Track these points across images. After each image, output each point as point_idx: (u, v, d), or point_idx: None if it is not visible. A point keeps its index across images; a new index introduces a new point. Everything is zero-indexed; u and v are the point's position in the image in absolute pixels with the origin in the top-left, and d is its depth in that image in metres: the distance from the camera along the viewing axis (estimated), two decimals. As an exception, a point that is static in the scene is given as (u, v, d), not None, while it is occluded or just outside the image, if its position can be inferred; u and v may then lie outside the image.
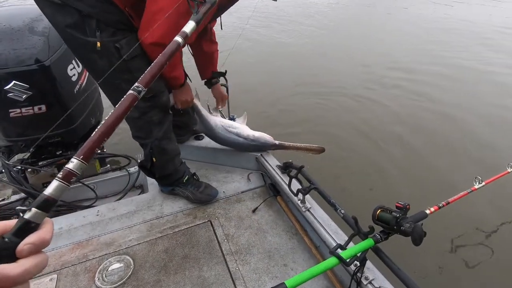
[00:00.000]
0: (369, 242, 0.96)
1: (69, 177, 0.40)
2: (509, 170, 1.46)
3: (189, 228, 1.45)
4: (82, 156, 0.43)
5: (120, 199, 1.79)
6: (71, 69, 1.76)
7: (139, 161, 2.06)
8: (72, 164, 0.42)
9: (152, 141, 1.41)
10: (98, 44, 1.15)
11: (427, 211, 1.08)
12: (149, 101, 1.32)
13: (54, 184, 0.39)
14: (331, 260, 0.88)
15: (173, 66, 1.34)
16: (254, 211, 1.55)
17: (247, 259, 1.30)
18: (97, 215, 1.49)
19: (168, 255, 1.31)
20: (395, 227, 0.93)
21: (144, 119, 1.36)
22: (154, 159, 1.46)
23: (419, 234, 0.84)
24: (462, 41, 5.99)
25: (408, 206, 0.95)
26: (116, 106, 0.56)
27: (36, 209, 0.37)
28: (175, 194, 1.62)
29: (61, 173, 0.40)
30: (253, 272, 1.25)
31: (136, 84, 0.58)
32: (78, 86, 1.82)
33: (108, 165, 2.06)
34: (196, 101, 1.73)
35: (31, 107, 1.60)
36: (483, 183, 1.29)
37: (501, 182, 1.51)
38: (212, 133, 1.74)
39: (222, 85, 1.92)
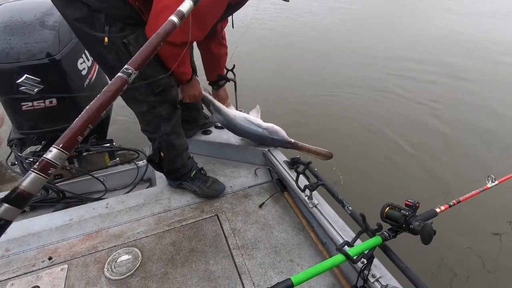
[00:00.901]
0: (376, 239, 0.94)
1: (46, 168, 0.35)
2: (523, 168, 1.42)
3: (196, 222, 1.46)
4: (61, 145, 0.38)
5: (128, 192, 1.81)
6: (81, 63, 1.78)
7: (147, 154, 2.09)
8: (51, 154, 0.36)
9: (161, 136, 1.41)
10: (106, 39, 1.15)
11: (437, 210, 1.06)
12: (158, 96, 1.33)
13: (30, 176, 0.33)
14: (338, 257, 0.88)
15: (182, 62, 1.33)
16: (261, 206, 1.55)
17: (253, 253, 1.31)
18: (106, 207, 1.52)
19: (175, 248, 1.33)
20: (404, 225, 0.91)
21: (153, 114, 1.36)
22: (162, 154, 1.46)
23: (428, 233, 0.82)
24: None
25: (417, 204, 0.93)
26: (103, 89, 0.51)
27: (7, 205, 0.31)
28: (183, 188, 1.63)
29: (37, 164, 0.35)
30: (259, 266, 1.25)
31: (126, 66, 0.53)
32: (88, 80, 1.84)
33: (117, 159, 2.08)
34: (206, 94, 1.73)
35: (42, 101, 1.62)
36: (496, 182, 1.25)
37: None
38: (232, 124, 1.72)
39: (230, 79, 1.92)
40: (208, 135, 1.94)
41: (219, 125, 1.95)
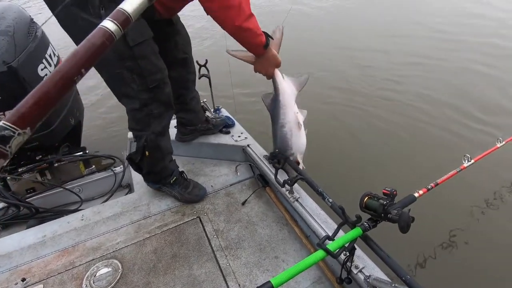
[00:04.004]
0: (357, 231, 0.93)
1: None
2: (498, 145, 1.43)
3: (177, 226, 1.42)
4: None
5: (107, 200, 1.75)
6: (42, 69, 1.67)
7: (125, 158, 2.02)
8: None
9: (148, 134, 1.33)
10: None
11: (416, 195, 1.06)
12: (152, 92, 1.24)
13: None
14: (319, 253, 0.86)
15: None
16: (243, 203, 1.52)
17: (238, 253, 1.28)
18: (82, 219, 1.45)
19: (156, 256, 1.28)
20: (382, 214, 0.90)
21: (144, 111, 1.28)
22: (147, 153, 1.38)
23: (405, 221, 0.81)
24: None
25: (395, 192, 0.92)
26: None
27: None
28: (162, 192, 1.57)
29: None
30: (244, 266, 1.23)
31: (2, 122, 0.36)
32: (51, 87, 1.74)
33: (93, 166, 2.00)
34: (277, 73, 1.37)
35: (2, 113, 1.52)
36: (472, 161, 1.26)
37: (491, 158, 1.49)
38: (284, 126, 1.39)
39: (203, 75, 1.85)
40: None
41: (226, 130, 1.84)
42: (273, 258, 1.26)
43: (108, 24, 0.44)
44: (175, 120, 1.78)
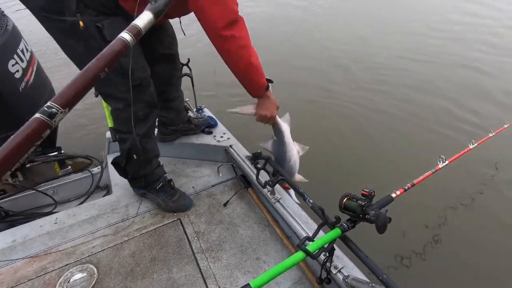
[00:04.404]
0: (336, 232, 0.94)
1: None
2: (471, 146, 1.50)
3: (157, 229, 1.39)
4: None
5: (83, 202, 1.68)
6: (13, 65, 1.59)
7: (103, 160, 1.95)
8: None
9: (133, 137, 1.28)
10: (81, 23, 1.02)
11: (393, 195, 1.08)
12: (135, 91, 1.20)
13: None
14: (298, 255, 0.86)
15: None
16: (225, 204, 1.51)
17: (219, 255, 1.26)
18: (56, 223, 1.39)
19: (135, 260, 1.25)
20: (361, 215, 0.91)
21: (128, 112, 1.23)
22: (134, 156, 1.33)
23: (382, 221, 0.82)
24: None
25: (373, 193, 0.94)
26: (13, 136, 0.43)
27: None
28: (146, 198, 1.52)
29: None
30: (225, 268, 1.21)
31: (49, 103, 0.47)
32: (24, 84, 1.66)
33: (69, 167, 1.92)
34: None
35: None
36: (447, 162, 1.31)
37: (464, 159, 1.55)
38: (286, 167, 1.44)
39: (186, 74, 1.82)
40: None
41: (208, 130, 1.81)
42: (254, 260, 1.25)
43: (125, 35, 0.59)
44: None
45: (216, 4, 1.01)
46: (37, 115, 0.44)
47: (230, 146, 1.69)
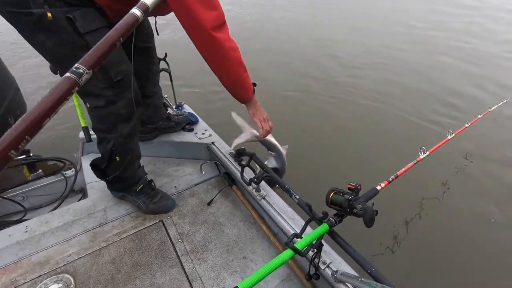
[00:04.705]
0: (324, 227, 0.93)
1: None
2: (449, 137, 1.54)
3: (138, 232, 1.32)
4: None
5: (56, 207, 1.58)
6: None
7: (77, 162, 1.84)
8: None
9: (117, 137, 1.20)
10: (49, 14, 0.94)
11: (378, 187, 1.08)
12: (117, 88, 1.12)
13: None
14: (287, 253, 0.84)
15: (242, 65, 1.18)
16: (209, 204, 1.46)
17: (204, 256, 1.22)
18: (26, 231, 1.29)
19: (115, 266, 1.18)
20: (348, 209, 0.90)
21: (110, 109, 1.14)
22: (117, 158, 1.25)
23: (369, 215, 0.82)
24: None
25: (359, 187, 0.93)
26: (47, 93, 0.46)
27: None
28: (126, 201, 1.45)
29: None
30: (211, 270, 1.18)
31: (76, 65, 0.50)
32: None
33: (40, 170, 1.80)
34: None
35: None
36: (428, 153, 1.33)
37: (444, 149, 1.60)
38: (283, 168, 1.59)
39: (163, 70, 1.75)
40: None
41: (189, 127, 1.75)
42: (241, 259, 1.22)
43: (136, 11, 0.60)
44: None
45: (206, 5, 0.98)
46: (67, 74, 0.48)
47: (213, 143, 1.65)
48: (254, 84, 1.31)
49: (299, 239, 0.90)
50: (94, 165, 1.32)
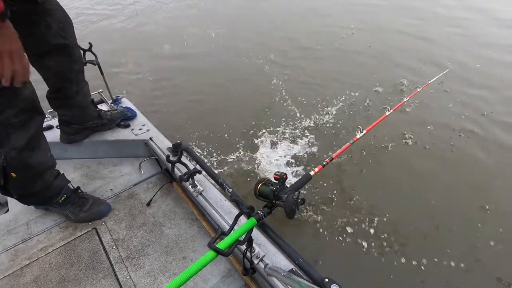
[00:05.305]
0: (251, 222, 0.88)
1: None
2: (387, 113, 1.56)
3: (67, 244, 1.21)
4: None
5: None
6: None
7: None
8: None
9: (8, 151, 1.02)
10: None
11: (312, 173, 1.05)
12: (2, 96, 0.94)
13: None
14: (208, 255, 0.78)
15: None
16: (148, 204, 1.37)
17: (140, 262, 1.15)
18: None
19: (38, 285, 1.07)
20: (274, 200, 0.86)
21: None
22: (13, 174, 1.07)
23: (289, 207, 0.78)
24: None
25: (284, 176, 0.89)
26: None
27: None
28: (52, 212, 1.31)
29: None
30: (147, 275, 1.11)
31: None
32: None
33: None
34: None
35: None
36: (364, 131, 1.33)
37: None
38: None
39: (89, 62, 1.57)
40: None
41: (125, 123, 1.61)
42: (180, 259, 1.16)
43: None
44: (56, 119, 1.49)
45: None
46: None
47: (150, 138, 1.53)
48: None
49: (225, 237, 0.85)
50: None
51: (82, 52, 1.52)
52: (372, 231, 1.88)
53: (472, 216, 1.96)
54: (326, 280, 0.76)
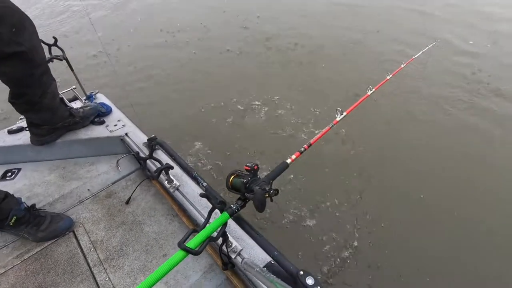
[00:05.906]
0: (224, 216, 0.84)
1: None
2: (369, 92, 1.50)
3: (44, 249, 1.17)
4: None
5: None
6: None
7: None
8: None
9: None
10: None
11: (288, 160, 1.01)
12: None
13: None
14: (178, 255, 0.75)
15: None
16: (127, 202, 1.33)
17: (120, 263, 1.12)
18: None
19: (14, 294, 1.04)
20: (245, 193, 0.82)
21: None
22: None
23: (258, 200, 0.74)
24: None
25: (255, 167, 0.85)
26: None
27: None
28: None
29: None
30: (127, 276, 1.08)
31: None
32: None
33: None
34: None
35: None
36: (345, 114, 1.28)
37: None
38: None
39: (54, 58, 1.49)
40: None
41: (99, 120, 1.55)
42: (161, 257, 1.13)
43: None
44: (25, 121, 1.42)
45: None
46: None
47: (126, 134, 1.48)
48: None
49: (196, 234, 0.81)
50: None
51: (47, 46, 1.44)
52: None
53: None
54: (301, 272, 0.73)
